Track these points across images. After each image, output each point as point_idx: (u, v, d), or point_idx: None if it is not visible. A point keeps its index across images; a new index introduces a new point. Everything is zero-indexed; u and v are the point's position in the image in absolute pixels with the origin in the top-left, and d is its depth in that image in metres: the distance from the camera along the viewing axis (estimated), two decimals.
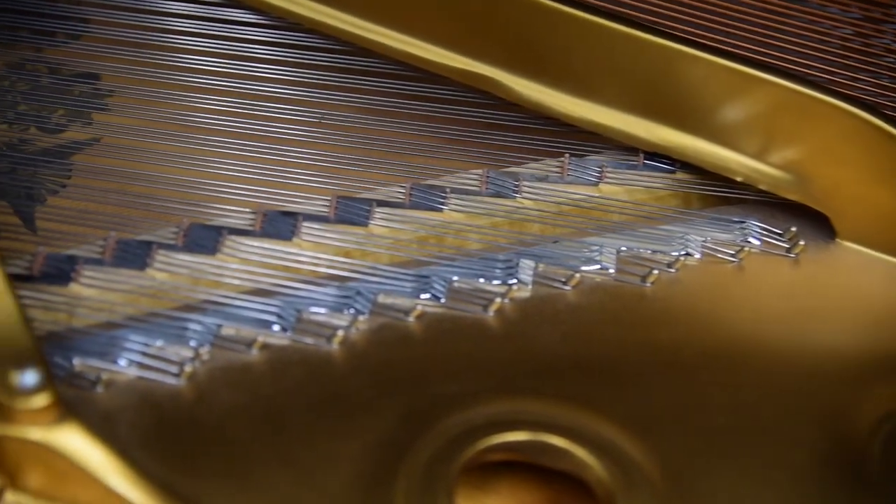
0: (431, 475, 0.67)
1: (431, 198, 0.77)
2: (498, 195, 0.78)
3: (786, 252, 0.77)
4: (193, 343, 0.70)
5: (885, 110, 0.76)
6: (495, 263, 0.75)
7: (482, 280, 0.74)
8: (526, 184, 0.78)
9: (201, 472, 0.67)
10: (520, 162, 0.80)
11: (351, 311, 0.72)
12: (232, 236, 0.74)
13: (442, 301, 0.73)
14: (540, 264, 0.75)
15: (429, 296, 0.73)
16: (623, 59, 0.77)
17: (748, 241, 0.77)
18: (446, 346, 0.72)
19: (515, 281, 0.74)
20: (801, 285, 0.75)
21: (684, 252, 0.76)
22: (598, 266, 0.75)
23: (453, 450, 0.68)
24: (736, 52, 0.77)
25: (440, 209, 0.77)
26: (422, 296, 0.73)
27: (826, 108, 0.75)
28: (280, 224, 0.75)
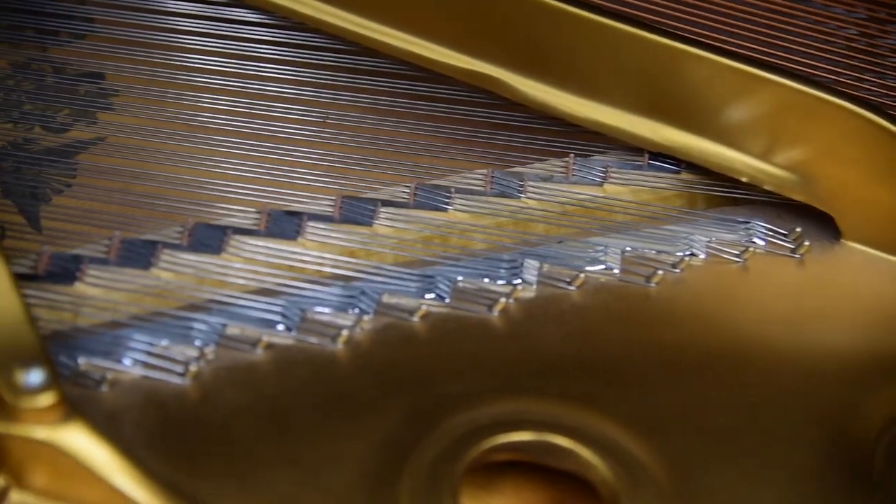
0: (436, 475, 0.67)
1: (436, 198, 0.77)
2: (502, 195, 0.78)
3: (790, 252, 0.77)
4: (198, 342, 0.70)
5: (890, 110, 0.76)
6: (500, 263, 0.75)
7: (487, 280, 0.74)
8: (531, 184, 0.78)
9: (206, 472, 0.67)
10: (524, 162, 0.80)
11: (355, 311, 0.72)
12: (237, 236, 0.74)
13: (446, 301, 0.73)
14: (544, 264, 0.75)
15: (433, 296, 0.73)
16: (628, 59, 0.77)
17: (753, 242, 0.77)
18: (451, 346, 0.72)
19: (520, 281, 0.74)
20: (806, 286, 0.75)
21: (689, 252, 0.76)
22: (603, 266, 0.75)
23: (458, 450, 0.68)
24: (741, 53, 0.77)
25: (445, 209, 0.77)
26: (426, 296, 0.73)
27: (831, 109, 0.75)
28: (285, 224, 0.75)
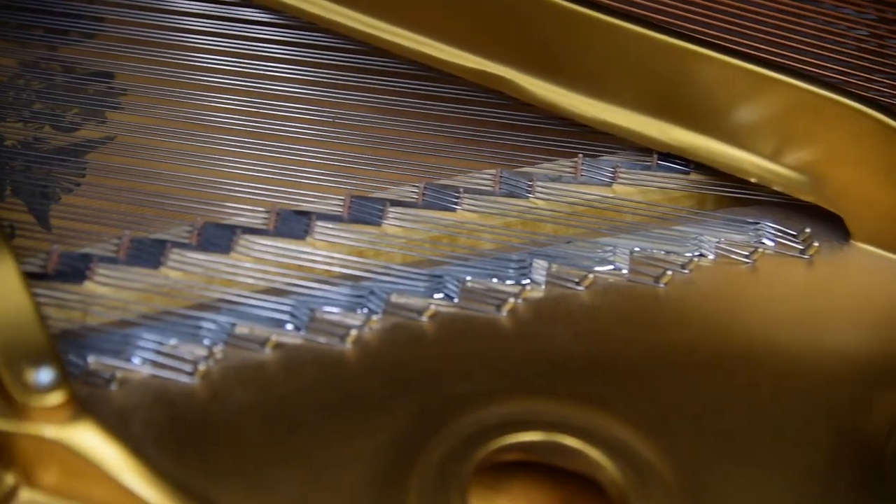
0: (444, 475, 0.67)
1: (445, 197, 0.77)
2: (511, 195, 0.78)
3: (800, 253, 0.77)
4: (207, 342, 0.70)
5: None
6: (508, 263, 0.75)
7: (495, 280, 0.74)
8: (539, 184, 0.78)
9: (214, 471, 0.67)
10: (533, 162, 0.80)
11: (364, 311, 0.72)
12: (245, 235, 0.74)
13: (455, 301, 0.73)
14: (553, 264, 0.75)
15: (442, 295, 0.73)
16: (637, 60, 0.77)
17: (762, 243, 0.77)
18: (459, 346, 0.72)
19: (528, 281, 0.74)
20: (815, 286, 0.75)
21: (698, 253, 0.76)
22: (612, 266, 0.75)
23: (466, 450, 0.68)
24: (750, 53, 0.77)
25: (453, 209, 0.77)
26: (435, 295, 0.73)
27: (841, 109, 0.75)
28: (293, 223, 0.75)
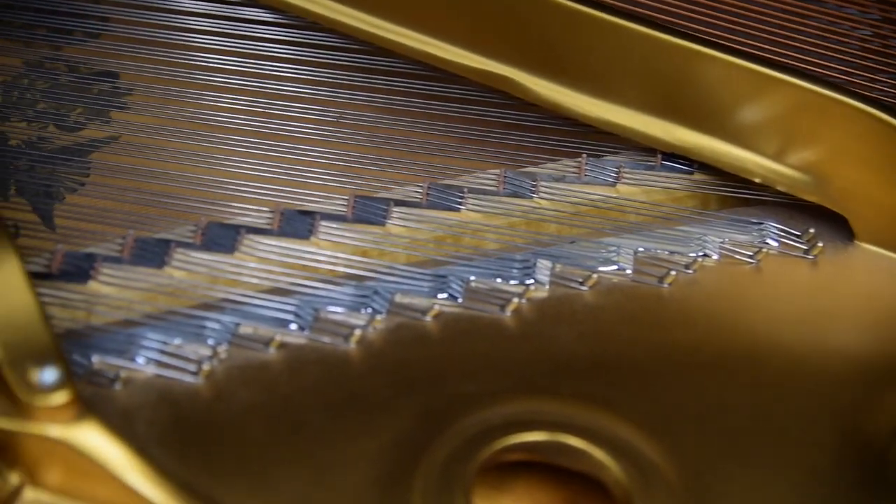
0: (448, 475, 0.67)
1: (449, 197, 0.77)
2: (515, 195, 0.78)
3: (804, 253, 0.77)
4: (211, 341, 0.70)
5: None
6: (512, 263, 0.75)
7: (499, 280, 0.74)
8: (543, 184, 0.78)
9: (218, 470, 0.67)
10: (537, 162, 0.80)
11: (368, 311, 0.72)
12: (250, 235, 0.74)
13: (459, 301, 0.73)
14: (557, 264, 0.75)
15: (446, 295, 0.73)
16: (641, 60, 0.77)
17: (766, 243, 0.77)
18: (463, 346, 0.72)
19: (532, 281, 0.74)
20: (819, 287, 0.75)
21: (702, 253, 0.76)
22: (616, 267, 0.75)
23: (470, 450, 0.68)
24: (754, 53, 0.77)
25: (457, 209, 0.77)
26: (439, 295, 0.73)
27: (844, 109, 0.75)
28: (298, 223, 0.75)
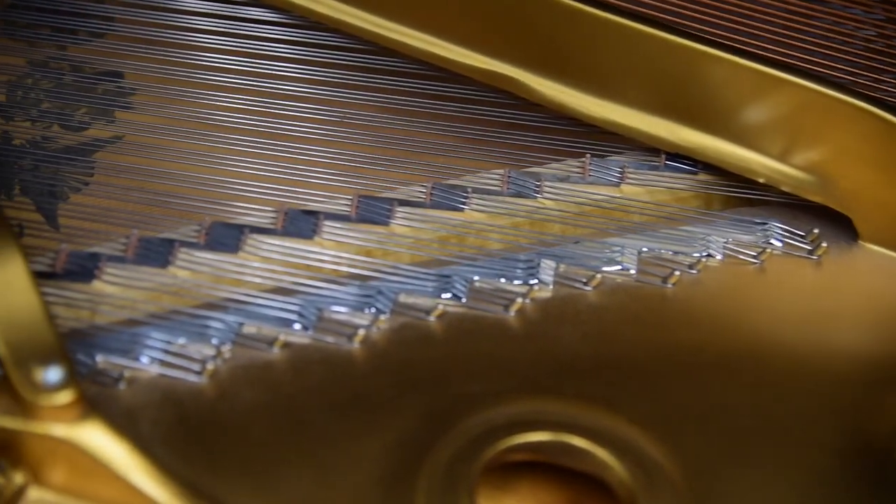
0: (452, 475, 0.67)
1: (453, 197, 0.77)
2: (519, 195, 0.78)
3: (808, 254, 0.77)
4: (215, 341, 0.70)
5: None
6: (516, 263, 0.75)
7: (503, 280, 0.74)
8: (547, 184, 0.78)
9: (222, 470, 0.67)
10: (541, 162, 0.80)
11: (372, 311, 0.72)
12: (254, 235, 0.74)
13: (463, 301, 0.73)
14: (561, 265, 0.75)
15: (450, 295, 0.73)
16: (645, 60, 0.77)
17: (770, 243, 0.77)
18: (467, 346, 0.72)
19: (536, 281, 0.74)
20: (823, 287, 0.75)
21: (706, 253, 0.76)
22: (620, 267, 0.75)
23: (474, 450, 0.68)
24: (758, 53, 0.77)
25: (461, 209, 0.77)
26: (443, 295, 0.73)
27: (849, 110, 0.75)
28: (302, 223, 0.75)
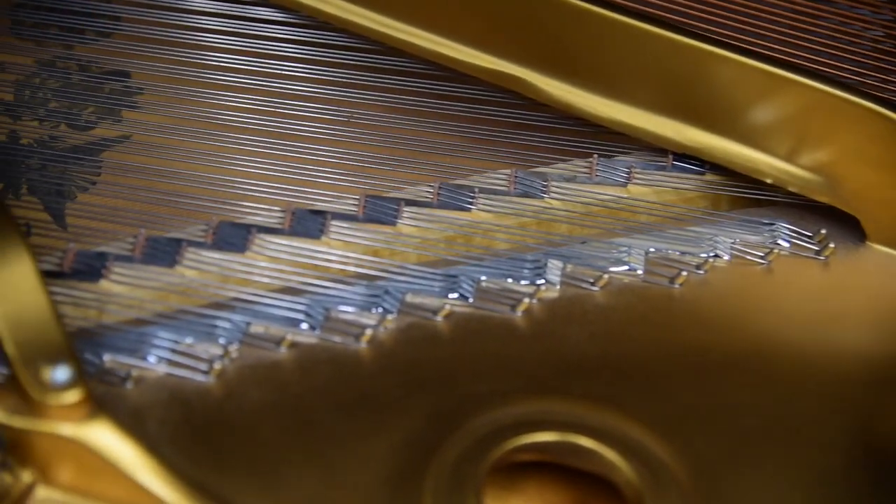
0: (459, 475, 0.67)
1: (460, 197, 0.77)
2: (526, 195, 0.78)
3: (815, 254, 0.77)
4: (222, 341, 0.71)
5: None
6: (523, 263, 0.75)
7: (510, 280, 0.74)
8: (554, 184, 0.78)
9: (229, 469, 0.67)
10: (548, 162, 0.80)
11: (379, 310, 0.72)
12: (261, 234, 0.74)
13: (470, 301, 0.73)
14: (568, 265, 0.75)
15: (457, 295, 0.73)
16: (653, 60, 0.77)
17: (777, 243, 0.77)
18: (474, 346, 0.72)
19: (543, 281, 0.74)
20: (831, 288, 0.75)
21: (713, 254, 0.76)
22: (627, 267, 0.75)
23: (481, 450, 0.68)
24: (766, 54, 0.77)
25: (468, 209, 0.77)
26: (450, 295, 0.73)
27: (857, 110, 0.75)
28: (309, 223, 0.75)
